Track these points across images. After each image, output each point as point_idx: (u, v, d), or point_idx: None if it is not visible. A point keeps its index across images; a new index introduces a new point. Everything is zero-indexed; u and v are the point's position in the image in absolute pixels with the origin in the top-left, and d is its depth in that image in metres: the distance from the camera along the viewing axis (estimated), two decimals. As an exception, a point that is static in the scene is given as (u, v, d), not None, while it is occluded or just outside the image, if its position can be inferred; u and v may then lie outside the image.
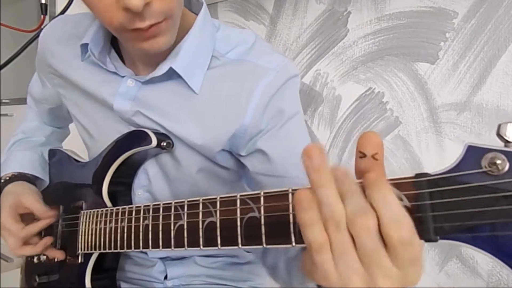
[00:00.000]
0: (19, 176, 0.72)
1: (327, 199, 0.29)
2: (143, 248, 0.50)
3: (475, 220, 0.27)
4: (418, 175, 0.30)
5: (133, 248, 0.52)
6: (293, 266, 0.54)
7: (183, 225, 0.44)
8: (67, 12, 0.81)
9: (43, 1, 0.88)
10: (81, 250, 0.62)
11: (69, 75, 0.66)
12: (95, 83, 0.63)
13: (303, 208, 0.29)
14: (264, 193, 0.37)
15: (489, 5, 0.91)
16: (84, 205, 0.65)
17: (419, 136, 1.03)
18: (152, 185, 0.65)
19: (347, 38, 1.15)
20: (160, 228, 0.48)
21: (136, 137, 0.60)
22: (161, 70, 0.56)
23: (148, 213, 0.50)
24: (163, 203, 0.48)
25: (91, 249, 0.60)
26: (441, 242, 0.29)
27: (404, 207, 0.29)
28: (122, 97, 0.60)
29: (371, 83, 1.11)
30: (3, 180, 0.71)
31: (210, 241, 0.41)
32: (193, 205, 0.44)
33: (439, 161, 1.00)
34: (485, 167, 0.27)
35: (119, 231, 0.54)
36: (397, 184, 0.30)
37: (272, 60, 0.58)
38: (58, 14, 0.77)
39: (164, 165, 0.63)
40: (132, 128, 0.62)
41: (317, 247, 0.29)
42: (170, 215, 0.46)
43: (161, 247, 0.47)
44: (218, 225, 0.41)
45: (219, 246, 0.40)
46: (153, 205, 0.50)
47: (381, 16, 1.07)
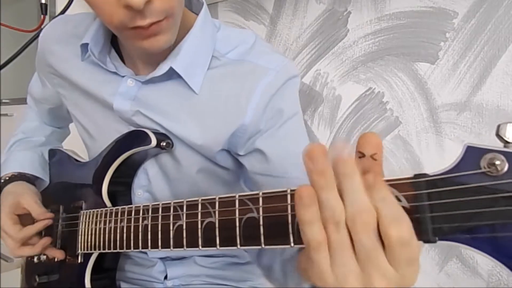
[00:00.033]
0: (19, 176, 0.72)
1: (328, 201, 0.28)
2: (142, 248, 0.50)
3: (474, 221, 0.27)
4: (416, 176, 0.30)
5: (132, 248, 0.52)
6: (289, 268, 0.54)
7: (182, 225, 0.44)
8: (67, 12, 0.81)
9: (43, 1, 0.88)
10: (81, 250, 0.62)
11: (69, 75, 0.66)
12: (95, 83, 0.63)
13: (304, 205, 0.29)
14: (263, 193, 0.37)
15: (489, 5, 0.91)
16: (84, 205, 0.65)
17: (419, 136, 1.03)
18: (152, 185, 0.65)
19: (347, 38, 1.15)
20: (159, 228, 0.48)
21: (136, 137, 0.60)
22: (161, 70, 0.56)
23: (147, 213, 0.50)
24: (162, 203, 0.48)
25: (91, 249, 0.60)
26: (441, 243, 0.29)
27: (403, 207, 0.29)
28: (122, 97, 0.60)
29: (371, 83, 1.11)
30: (3, 180, 0.71)
31: (209, 242, 0.41)
32: (192, 206, 0.44)
33: (439, 161, 1.00)
34: (484, 167, 0.27)
35: (118, 231, 0.54)
36: (396, 185, 0.30)
37: (272, 60, 0.58)
38: (58, 14, 0.77)
39: (164, 165, 0.63)
40: (132, 128, 0.62)
41: (315, 245, 0.29)
42: (169, 216, 0.46)
43: (160, 247, 0.47)
44: (217, 226, 0.41)
45: (218, 247, 0.40)
46: (152, 205, 0.50)
47: (381, 16, 1.07)
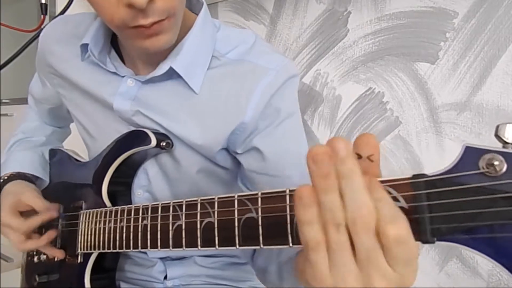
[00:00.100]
0: (18, 176, 0.72)
1: (329, 203, 0.28)
2: (141, 248, 0.50)
3: (473, 222, 0.27)
4: (415, 176, 0.30)
5: (131, 248, 0.52)
6: (285, 270, 0.54)
7: (181, 225, 0.44)
8: (67, 12, 0.81)
9: (43, 1, 0.88)
10: (81, 249, 0.62)
11: (69, 75, 0.66)
12: (95, 83, 0.63)
13: (304, 205, 0.29)
14: (262, 193, 0.37)
15: (489, 5, 0.91)
16: (84, 204, 0.66)
17: (419, 136, 1.03)
18: (152, 185, 0.65)
19: (347, 38, 1.14)
20: (159, 228, 0.48)
21: (136, 137, 0.60)
22: (161, 69, 0.56)
23: (147, 213, 0.50)
24: (162, 203, 0.48)
25: (91, 249, 0.60)
26: (441, 243, 0.29)
27: (401, 208, 0.29)
28: (122, 97, 0.60)
29: (371, 83, 1.10)
30: (2, 180, 0.71)
31: (208, 242, 0.41)
32: (192, 206, 0.44)
33: (439, 161, 1.00)
34: (483, 168, 0.27)
35: (118, 231, 0.55)
36: (394, 185, 0.30)
37: (272, 60, 0.58)
38: (58, 14, 0.78)
39: (164, 165, 0.63)
40: (132, 128, 0.62)
41: (314, 246, 0.29)
42: (169, 215, 0.46)
43: (159, 247, 0.47)
44: (216, 226, 0.41)
45: (217, 247, 0.40)
46: (152, 205, 0.50)
47: (381, 16, 1.07)
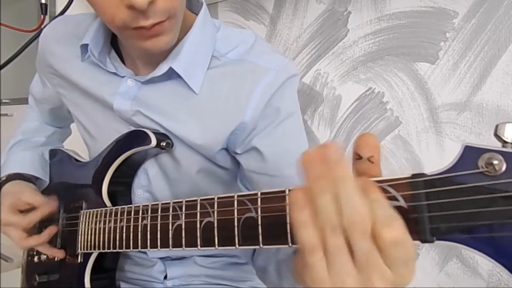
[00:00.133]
0: (16, 176, 0.72)
1: (324, 206, 0.28)
2: (141, 248, 0.50)
3: (472, 221, 0.27)
4: (414, 176, 0.29)
5: (131, 248, 0.52)
6: (284, 268, 0.54)
7: (181, 225, 0.44)
8: (67, 12, 0.81)
9: (43, 1, 0.88)
10: (81, 249, 0.62)
11: (69, 75, 0.66)
12: (95, 83, 0.63)
13: (298, 207, 0.29)
14: (262, 193, 0.37)
15: (489, 5, 0.91)
16: (84, 204, 0.66)
17: (419, 136, 1.03)
18: (152, 185, 0.65)
19: (347, 38, 1.15)
20: (159, 228, 0.48)
21: (136, 137, 0.60)
22: (161, 70, 0.56)
23: (147, 213, 0.50)
24: (162, 203, 0.48)
25: (91, 249, 0.60)
26: (441, 242, 0.29)
27: (400, 207, 0.29)
28: (122, 97, 0.60)
29: (371, 83, 1.10)
30: (1, 180, 0.71)
31: (208, 241, 0.41)
32: (191, 205, 0.44)
33: (439, 161, 1.00)
34: (482, 167, 0.27)
35: (118, 231, 0.55)
36: (394, 185, 0.30)
37: (272, 60, 0.58)
38: (58, 14, 0.78)
39: (164, 165, 0.63)
40: (132, 128, 0.62)
41: (310, 249, 0.28)
42: (168, 215, 0.46)
43: (159, 247, 0.47)
44: (216, 225, 0.41)
45: (217, 246, 0.40)
46: (152, 205, 0.50)
47: (381, 16, 1.07)
